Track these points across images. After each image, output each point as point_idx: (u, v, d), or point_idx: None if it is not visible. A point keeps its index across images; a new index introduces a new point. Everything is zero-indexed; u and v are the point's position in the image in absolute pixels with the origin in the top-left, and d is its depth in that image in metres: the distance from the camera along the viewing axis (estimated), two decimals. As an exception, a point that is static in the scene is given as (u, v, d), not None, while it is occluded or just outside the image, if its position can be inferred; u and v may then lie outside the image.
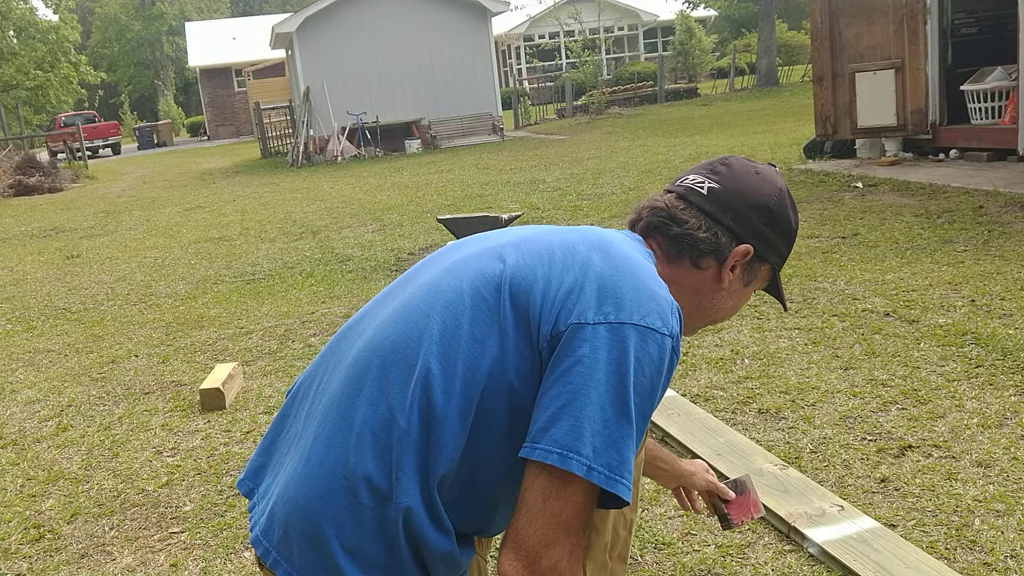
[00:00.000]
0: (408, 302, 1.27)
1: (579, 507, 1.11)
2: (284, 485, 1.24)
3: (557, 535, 1.10)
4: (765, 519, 2.21)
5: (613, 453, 1.10)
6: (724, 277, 1.35)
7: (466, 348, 1.18)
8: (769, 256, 1.39)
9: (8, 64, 32.15)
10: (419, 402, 1.17)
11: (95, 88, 46.88)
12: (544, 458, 1.09)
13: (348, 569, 1.17)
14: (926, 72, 7.78)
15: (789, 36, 32.11)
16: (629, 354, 1.12)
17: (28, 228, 10.76)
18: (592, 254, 1.22)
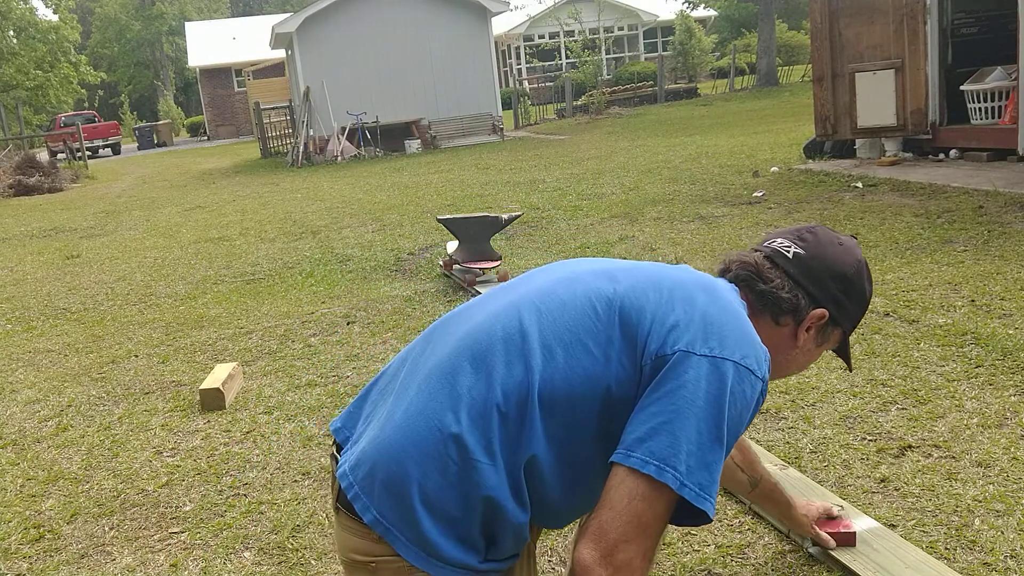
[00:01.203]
0: (522, 299, 1.39)
1: (661, 515, 1.21)
2: (379, 429, 1.34)
3: (636, 534, 1.20)
4: (764, 519, 2.21)
5: (705, 474, 1.21)
6: (800, 336, 1.48)
7: (570, 348, 1.30)
8: (843, 322, 1.51)
9: (8, 64, 32.16)
10: (519, 385, 1.28)
11: (95, 88, 46.89)
12: (640, 467, 1.20)
13: (421, 512, 1.26)
14: (926, 72, 7.79)
15: (789, 36, 32.11)
16: (727, 387, 1.23)
17: (28, 228, 10.76)
18: (698, 293, 1.34)
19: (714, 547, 2.13)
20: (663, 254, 5.38)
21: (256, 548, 2.37)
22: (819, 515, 2.04)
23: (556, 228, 6.80)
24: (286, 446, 3.04)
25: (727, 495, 2.36)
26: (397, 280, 5.62)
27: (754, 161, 9.46)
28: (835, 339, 1.54)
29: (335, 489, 1.38)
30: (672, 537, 2.19)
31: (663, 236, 5.95)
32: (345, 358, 3.98)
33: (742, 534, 2.17)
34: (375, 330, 4.41)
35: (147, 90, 53.16)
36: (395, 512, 1.28)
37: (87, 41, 49.60)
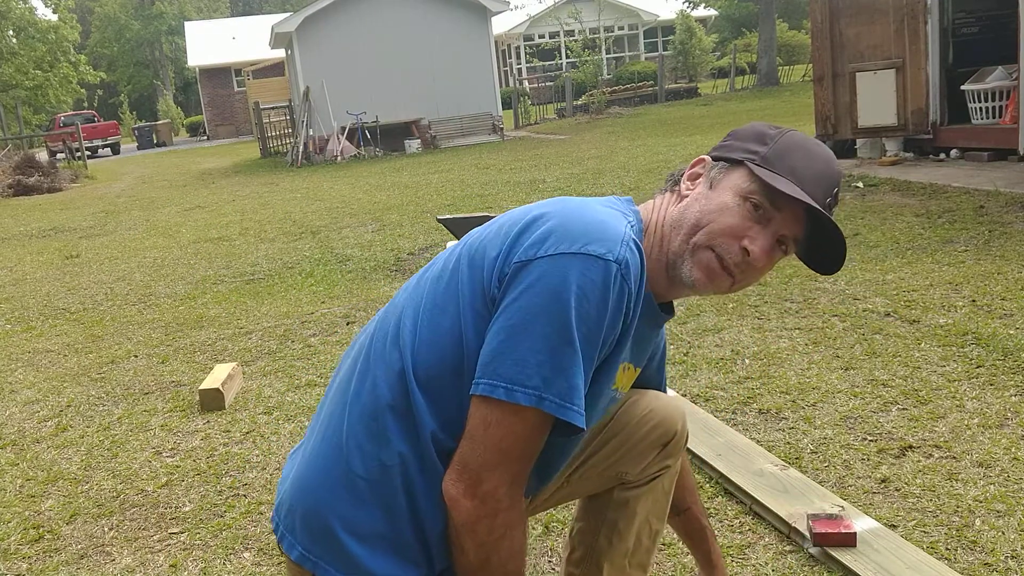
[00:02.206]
0: (403, 291, 1.38)
1: (521, 435, 1.15)
2: (297, 464, 1.35)
3: (499, 460, 1.15)
4: (765, 519, 2.21)
5: (562, 381, 1.13)
6: (682, 186, 1.34)
7: (431, 317, 1.25)
8: (730, 155, 1.31)
9: (7, 64, 32.14)
10: (398, 375, 1.24)
11: (94, 88, 46.90)
12: (489, 392, 1.14)
13: (345, 538, 1.24)
14: (927, 72, 7.78)
15: (789, 36, 32.12)
16: (569, 282, 1.13)
17: (27, 228, 10.76)
18: (545, 207, 1.25)
19: (714, 548, 2.13)
20: (663, 254, 5.37)
21: (256, 548, 2.37)
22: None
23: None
24: (286, 446, 3.04)
25: (727, 495, 2.36)
26: (397, 280, 5.62)
27: (754, 161, 9.44)
28: (738, 177, 1.28)
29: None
30: (672, 537, 2.19)
31: (663, 236, 5.94)
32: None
33: (742, 534, 2.17)
34: (375, 330, 4.41)
35: (147, 90, 53.16)
36: (319, 544, 1.26)
37: (86, 41, 49.59)
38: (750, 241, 1.25)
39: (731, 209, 1.26)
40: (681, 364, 3.40)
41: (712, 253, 1.26)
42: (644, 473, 1.60)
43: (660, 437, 1.58)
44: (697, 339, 3.69)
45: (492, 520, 1.16)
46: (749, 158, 1.28)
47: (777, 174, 1.25)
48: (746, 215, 1.26)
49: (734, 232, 1.25)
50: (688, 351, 3.56)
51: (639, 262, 1.20)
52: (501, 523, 1.17)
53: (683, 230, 1.28)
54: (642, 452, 1.57)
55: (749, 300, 4.17)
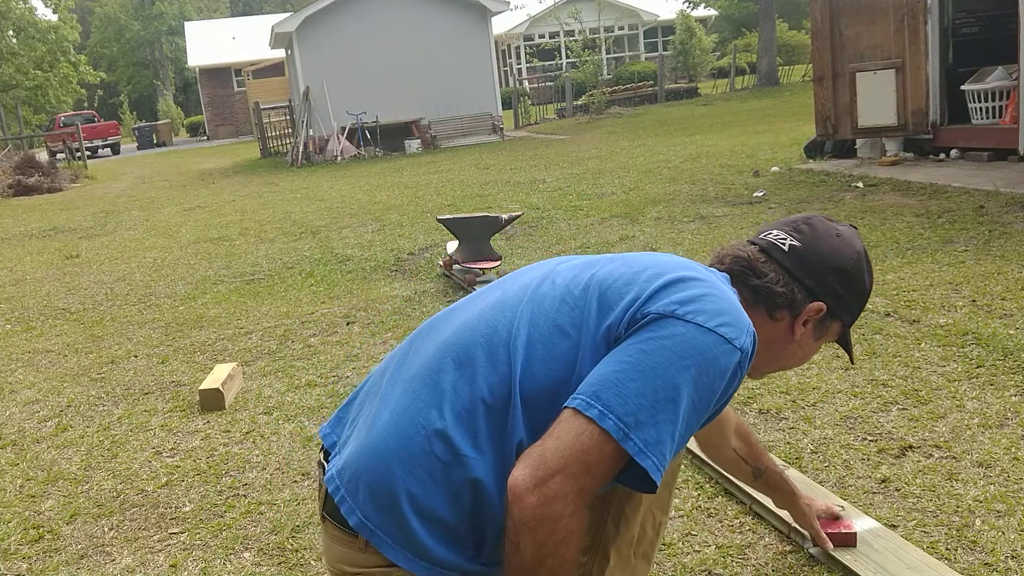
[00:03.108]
0: (506, 296, 1.39)
1: (605, 460, 1.18)
2: (365, 432, 1.34)
3: (576, 468, 1.16)
4: (765, 519, 2.21)
5: (651, 431, 1.17)
6: (796, 330, 1.45)
7: (549, 337, 1.29)
8: (842, 315, 1.48)
9: (7, 64, 32.14)
10: (503, 379, 1.27)
11: (94, 88, 46.90)
12: (584, 409, 1.17)
13: (408, 513, 1.25)
14: (927, 72, 7.78)
15: (789, 36, 32.11)
16: (697, 352, 1.20)
17: (27, 228, 10.76)
18: (682, 270, 1.32)
19: (715, 547, 2.13)
20: (663, 254, 5.37)
21: (256, 549, 2.37)
22: (822, 512, 2.02)
23: (556, 228, 6.80)
24: (286, 446, 3.04)
25: (727, 495, 2.36)
26: (397, 280, 5.62)
27: (755, 161, 9.46)
28: (834, 332, 1.52)
29: (322, 497, 1.37)
30: (672, 537, 2.19)
31: (663, 236, 5.95)
32: (345, 358, 3.98)
33: (743, 534, 2.17)
34: (375, 330, 4.41)
35: (147, 90, 53.17)
36: (381, 514, 1.27)
37: (86, 41, 49.60)
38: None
39: (815, 352, 1.54)
40: (681, 364, 3.40)
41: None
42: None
43: None
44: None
45: (556, 523, 1.16)
46: (847, 321, 1.51)
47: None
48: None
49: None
50: (688, 351, 3.55)
51: (754, 352, 1.28)
52: (564, 528, 1.17)
53: (780, 364, 1.52)
54: None
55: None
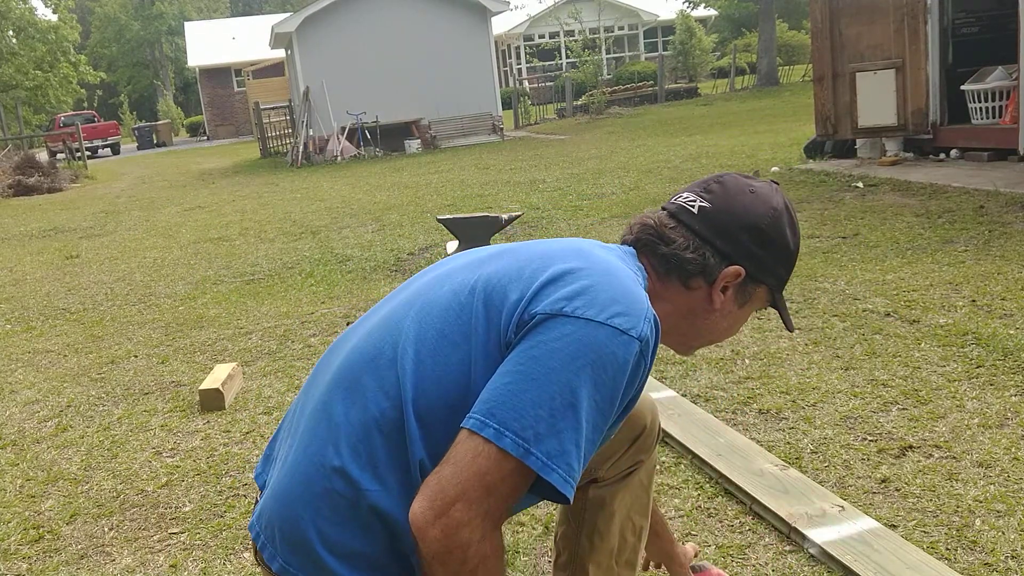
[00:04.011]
0: (393, 309, 1.33)
1: (507, 479, 1.10)
2: (277, 474, 1.31)
3: (477, 493, 1.09)
4: (765, 519, 2.21)
5: (553, 442, 1.09)
6: (715, 299, 1.34)
7: (438, 349, 1.21)
8: (764, 278, 1.37)
9: (7, 64, 32.13)
10: (394, 400, 1.20)
11: (94, 88, 46.88)
12: (479, 429, 1.10)
13: (323, 554, 1.21)
14: (926, 72, 7.78)
15: (789, 36, 32.12)
16: (590, 350, 1.11)
17: (27, 228, 10.76)
18: (573, 259, 1.23)
19: (714, 547, 2.13)
20: (663, 254, 5.37)
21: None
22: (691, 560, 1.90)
23: (556, 228, 6.80)
24: (286, 446, 3.04)
25: (727, 495, 2.36)
26: (397, 280, 5.62)
27: (755, 161, 9.45)
28: (762, 298, 1.41)
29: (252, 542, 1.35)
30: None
31: (663, 236, 5.94)
32: (345, 358, 3.97)
33: (742, 534, 2.17)
34: (375, 330, 4.40)
35: (146, 90, 53.17)
36: (298, 557, 1.24)
37: (86, 41, 49.59)
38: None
39: (744, 320, 1.45)
40: (681, 364, 3.40)
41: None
42: (615, 469, 1.57)
43: (627, 432, 1.55)
44: (697, 339, 3.69)
45: (465, 551, 1.09)
46: (775, 285, 1.41)
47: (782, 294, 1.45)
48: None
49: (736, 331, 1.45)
50: (688, 351, 3.55)
51: (657, 337, 1.20)
52: (476, 554, 1.09)
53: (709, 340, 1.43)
54: (609, 450, 1.54)
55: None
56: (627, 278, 1.22)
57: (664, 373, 3.33)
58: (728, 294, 1.35)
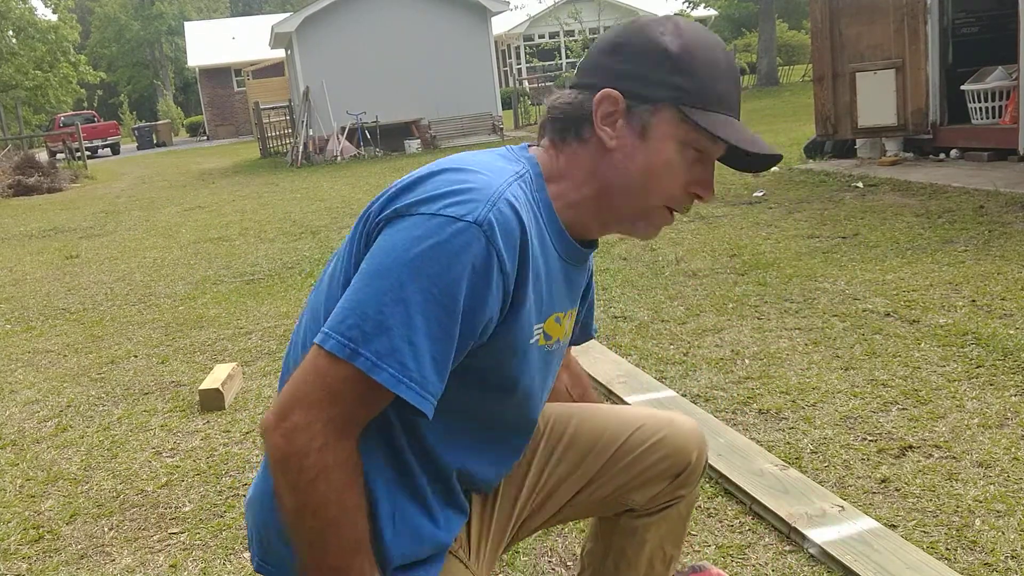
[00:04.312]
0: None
1: (348, 384, 1.05)
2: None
3: (316, 397, 1.05)
4: (765, 519, 2.21)
5: (383, 340, 1.03)
6: (604, 136, 1.17)
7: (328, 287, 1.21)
8: (651, 92, 1.15)
9: (7, 64, 32.15)
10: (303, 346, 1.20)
11: (94, 88, 46.92)
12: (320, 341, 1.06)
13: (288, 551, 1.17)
14: (926, 72, 7.78)
15: (789, 36, 32.14)
16: (419, 241, 1.05)
17: (27, 228, 10.76)
18: (436, 164, 1.18)
19: (714, 547, 2.13)
20: (663, 254, 5.38)
21: (256, 549, 2.37)
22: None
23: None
24: (286, 446, 3.03)
25: (727, 495, 2.36)
26: (397, 280, 5.61)
27: (754, 161, 9.44)
28: (670, 119, 1.15)
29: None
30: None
31: (663, 236, 5.95)
32: (345, 358, 3.97)
33: (742, 534, 2.17)
34: (375, 330, 4.40)
35: (146, 90, 53.19)
36: (271, 555, 1.27)
37: (86, 41, 49.61)
38: (699, 187, 1.20)
39: (676, 163, 1.17)
40: (681, 364, 3.40)
41: (665, 210, 1.22)
42: (654, 503, 1.49)
43: (670, 468, 1.46)
44: (697, 339, 3.69)
45: (302, 459, 1.04)
46: (675, 97, 1.14)
47: (711, 111, 1.15)
48: (690, 162, 1.18)
49: (683, 185, 1.19)
50: (688, 351, 3.56)
51: (513, 218, 1.09)
52: (313, 463, 1.04)
53: (628, 193, 1.19)
54: (649, 482, 1.46)
55: (749, 300, 4.18)
56: (483, 168, 1.14)
57: (664, 373, 3.33)
58: (618, 126, 1.16)
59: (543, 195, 1.20)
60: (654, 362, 3.46)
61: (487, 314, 1.09)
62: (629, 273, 4.99)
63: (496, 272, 1.07)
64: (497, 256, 1.07)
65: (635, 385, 3.13)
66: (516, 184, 1.15)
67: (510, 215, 1.09)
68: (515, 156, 1.23)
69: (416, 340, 1.04)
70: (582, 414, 1.50)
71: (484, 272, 1.06)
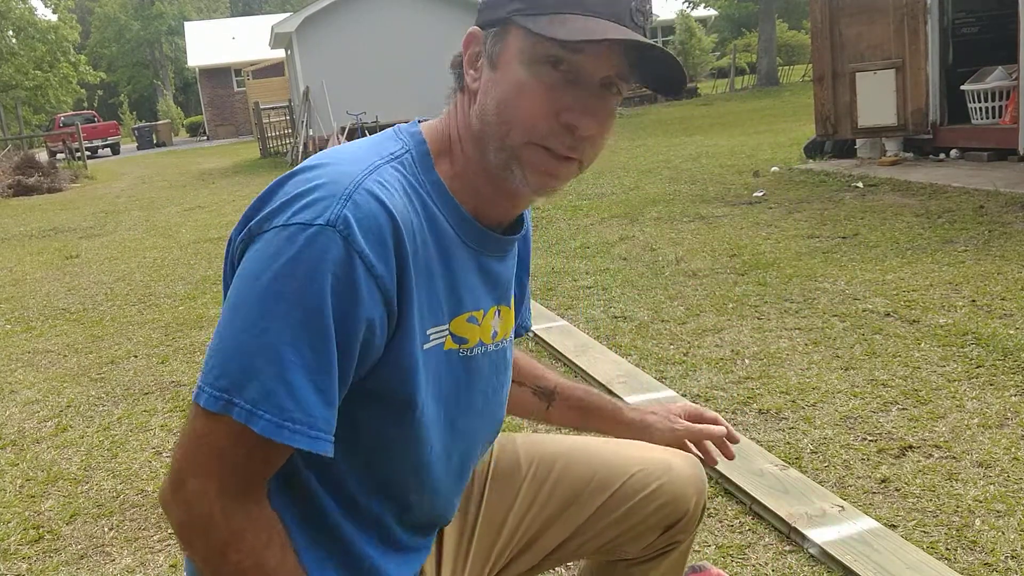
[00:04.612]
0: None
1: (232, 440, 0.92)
2: None
3: (203, 460, 0.93)
4: (765, 519, 2.21)
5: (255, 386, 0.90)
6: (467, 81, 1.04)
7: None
8: (496, 15, 1.01)
9: (7, 64, 32.16)
10: None
11: (94, 88, 46.95)
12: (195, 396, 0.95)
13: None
14: (926, 72, 7.78)
15: (789, 36, 32.16)
16: (272, 261, 0.91)
17: (27, 228, 10.76)
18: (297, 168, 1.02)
19: (714, 547, 2.13)
20: (663, 254, 5.38)
21: (256, 549, 2.37)
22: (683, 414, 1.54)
23: (556, 228, 6.80)
24: (286, 446, 3.03)
25: (727, 495, 2.36)
26: (397, 280, 5.61)
27: (754, 161, 9.46)
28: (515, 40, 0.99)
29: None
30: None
31: (663, 236, 5.95)
32: (345, 358, 3.97)
33: (742, 534, 2.17)
34: (375, 330, 4.40)
35: (146, 90, 53.21)
36: None
37: (86, 41, 49.64)
38: (569, 114, 0.99)
39: (528, 86, 0.99)
40: (681, 364, 3.40)
41: (537, 148, 1.00)
42: (649, 550, 1.38)
43: (665, 518, 1.34)
44: (697, 339, 3.69)
45: (208, 529, 0.94)
46: (514, 11, 0.99)
47: (553, 14, 0.97)
48: (550, 83, 0.98)
49: (546, 113, 0.99)
50: (688, 351, 3.56)
51: (378, 208, 0.94)
52: (220, 531, 0.94)
53: (491, 137, 1.02)
54: (642, 533, 1.35)
55: (749, 300, 4.18)
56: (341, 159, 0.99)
57: (664, 373, 3.33)
58: (479, 64, 1.03)
59: (431, 175, 1.04)
60: (654, 362, 3.46)
61: (363, 324, 0.94)
62: (629, 273, 4.99)
63: (363, 275, 0.92)
64: (361, 257, 0.92)
65: (635, 385, 3.13)
66: (386, 168, 0.99)
67: (373, 206, 0.94)
68: (395, 136, 1.07)
69: (289, 376, 0.90)
70: (570, 455, 1.36)
71: (348, 279, 0.91)
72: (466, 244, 1.06)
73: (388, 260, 0.94)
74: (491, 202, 1.08)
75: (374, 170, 0.97)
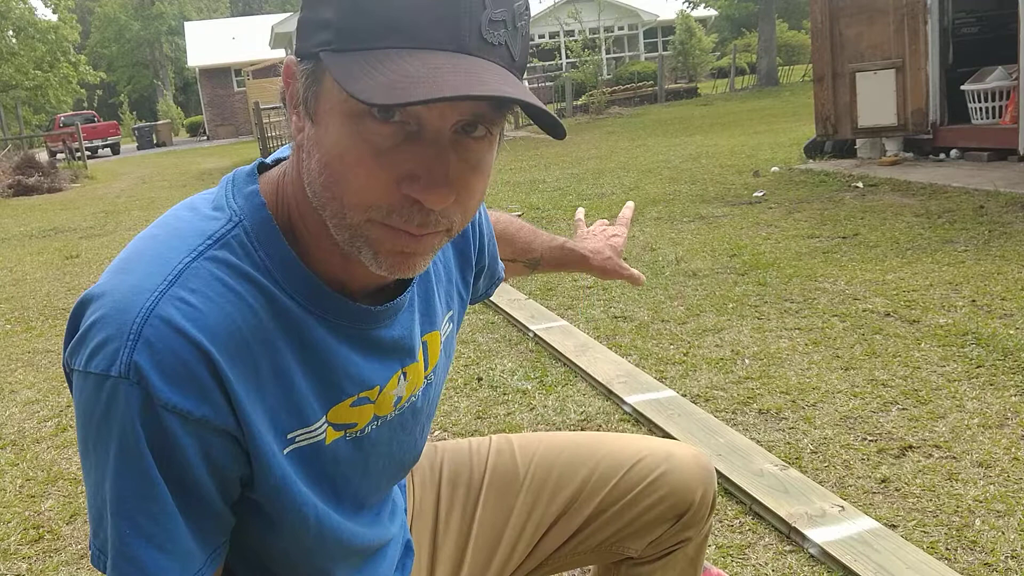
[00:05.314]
0: None
1: None
2: None
3: None
4: (765, 519, 2.21)
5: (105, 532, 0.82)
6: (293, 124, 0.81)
7: None
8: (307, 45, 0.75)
9: (7, 64, 32.17)
10: None
11: (94, 88, 46.95)
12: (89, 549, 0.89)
13: None
14: (927, 72, 7.78)
15: (789, 36, 32.16)
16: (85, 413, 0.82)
17: (27, 228, 10.76)
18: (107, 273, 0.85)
19: (714, 547, 2.13)
20: (663, 254, 5.38)
21: (256, 549, 2.37)
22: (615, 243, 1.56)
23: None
24: (286, 446, 3.03)
25: (727, 495, 2.36)
26: (397, 280, 5.61)
27: (754, 161, 9.46)
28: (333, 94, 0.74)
29: None
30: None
31: (663, 236, 5.95)
32: (345, 358, 3.97)
33: (742, 534, 2.17)
34: (375, 330, 4.40)
35: (146, 90, 53.22)
36: None
37: (86, 41, 49.66)
38: (412, 185, 0.75)
39: (352, 151, 0.74)
40: (681, 364, 3.40)
41: (381, 227, 0.78)
42: (655, 549, 1.31)
43: (669, 510, 1.27)
44: (697, 339, 3.69)
45: None
46: (322, 44, 0.73)
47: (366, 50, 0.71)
48: (378, 146, 0.74)
49: (381, 185, 0.75)
50: (688, 351, 3.56)
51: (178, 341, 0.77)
52: None
53: (326, 213, 0.79)
54: (646, 527, 1.28)
55: (749, 300, 4.18)
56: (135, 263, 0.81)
57: (664, 373, 3.33)
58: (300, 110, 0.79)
59: (278, 248, 0.83)
60: (654, 362, 3.46)
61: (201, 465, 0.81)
62: (629, 273, 4.99)
63: (177, 425, 0.78)
64: (167, 409, 0.77)
65: (635, 385, 3.13)
66: (199, 265, 0.80)
67: (170, 340, 0.76)
68: (224, 203, 0.85)
69: (132, 552, 0.80)
70: (569, 454, 1.32)
71: (162, 432, 0.77)
72: (337, 324, 0.87)
73: (206, 395, 0.78)
74: (361, 271, 0.85)
75: (176, 279, 0.78)
